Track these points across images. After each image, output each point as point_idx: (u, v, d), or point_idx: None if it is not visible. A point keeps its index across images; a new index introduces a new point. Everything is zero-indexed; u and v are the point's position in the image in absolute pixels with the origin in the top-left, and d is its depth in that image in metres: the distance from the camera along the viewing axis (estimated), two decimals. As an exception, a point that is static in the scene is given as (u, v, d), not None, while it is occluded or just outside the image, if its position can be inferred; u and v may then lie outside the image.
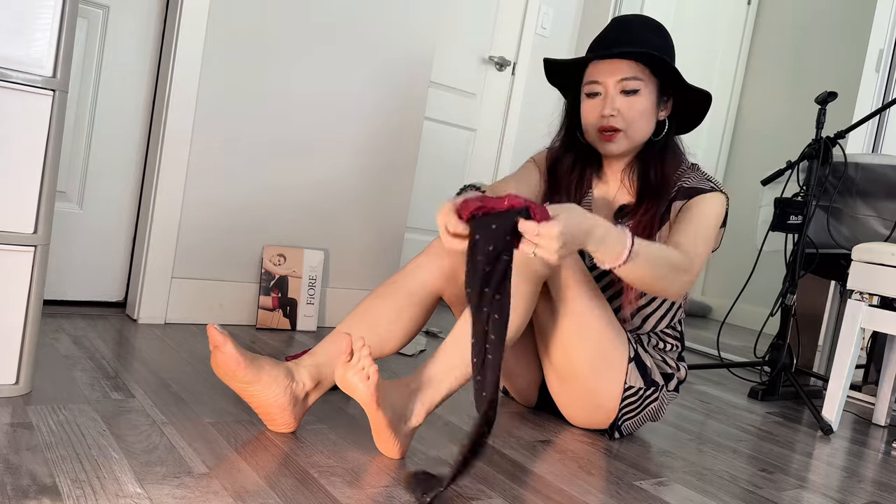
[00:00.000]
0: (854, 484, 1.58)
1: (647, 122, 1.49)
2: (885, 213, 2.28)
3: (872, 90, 2.82)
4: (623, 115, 1.46)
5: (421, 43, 2.45)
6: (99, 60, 2.02)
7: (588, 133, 1.53)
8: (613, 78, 1.46)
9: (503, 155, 3.37)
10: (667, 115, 1.54)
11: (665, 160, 1.52)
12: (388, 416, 1.20)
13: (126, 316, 2.07)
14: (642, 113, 1.47)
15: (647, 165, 1.52)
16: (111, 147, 2.07)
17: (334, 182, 2.33)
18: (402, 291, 1.38)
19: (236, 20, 2.08)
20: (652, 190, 1.50)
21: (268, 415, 1.27)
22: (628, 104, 1.46)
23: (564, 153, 1.61)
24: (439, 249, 1.40)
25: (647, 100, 1.47)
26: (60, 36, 1.29)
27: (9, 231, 1.27)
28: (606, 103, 1.47)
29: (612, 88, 1.47)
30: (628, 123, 1.47)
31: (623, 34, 1.48)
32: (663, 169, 1.51)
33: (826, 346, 2.67)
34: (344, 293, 2.40)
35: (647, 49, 1.45)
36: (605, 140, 1.49)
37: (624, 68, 1.46)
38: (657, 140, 1.53)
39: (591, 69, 1.50)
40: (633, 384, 1.50)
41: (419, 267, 1.40)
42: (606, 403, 1.52)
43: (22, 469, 1.02)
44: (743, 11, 4.44)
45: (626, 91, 1.46)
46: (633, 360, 1.50)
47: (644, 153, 1.54)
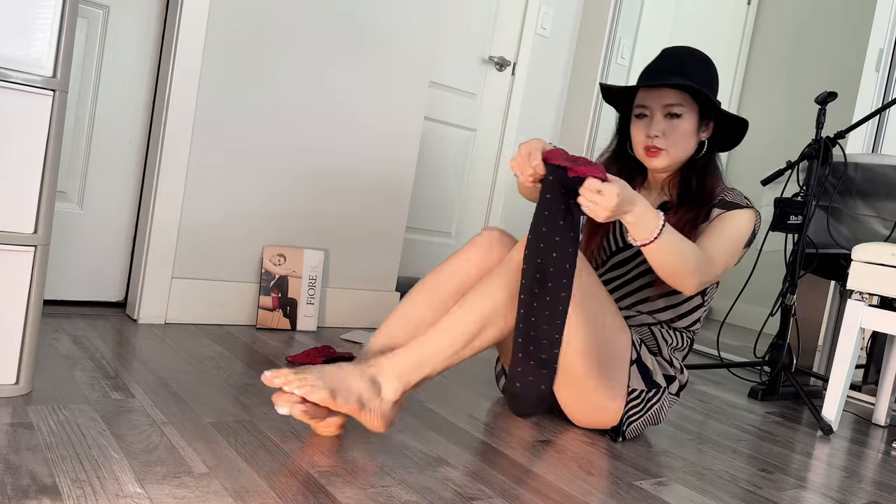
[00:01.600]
0: (854, 484, 1.58)
1: (688, 143, 1.64)
2: (885, 213, 2.28)
3: (872, 90, 2.82)
4: (666, 135, 1.62)
5: (421, 43, 2.45)
6: (99, 60, 2.02)
7: (636, 149, 1.68)
8: (659, 103, 1.62)
9: (503, 155, 3.37)
10: (707, 136, 1.68)
11: (706, 174, 1.67)
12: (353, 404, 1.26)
13: (126, 316, 2.08)
14: (683, 134, 1.62)
15: (689, 177, 1.67)
16: (111, 147, 2.07)
17: (334, 182, 2.33)
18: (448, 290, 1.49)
19: (236, 20, 2.08)
20: (693, 196, 1.65)
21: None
22: (671, 126, 1.62)
23: (614, 162, 1.78)
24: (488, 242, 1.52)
25: (688, 123, 1.62)
26: (60, 36, 1.29)
27: (9, 231, 1.27)
28: (652, 124, 1.62)
29: (658, 112, 1.62)
30: (671, 143, 1.62)
31: (671, 65, 1.64)
32: (704, 181, 1.66)
33: (826, 346, 2.67)
34: (344, 293, 2.40)
35: (690, 80, 1.59)
36: (649, 156, 1.64)
37: (669, 96, 1.61)
38: (698, 158, 1.68)
39: (640, 95, 1.66)
40: (635, 387, 1.53)
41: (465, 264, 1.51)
42: (609, 405, 1.53)
43: (22, 469, 1.02)
44: (743, 11, 4.44)
45: (670, 115, 1.61)
46: (634, 363, 1.52)
47: (686, 168, 1.69)
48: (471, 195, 3.32)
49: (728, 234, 1.56)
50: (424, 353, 1.32)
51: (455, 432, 1.48)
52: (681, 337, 1.66)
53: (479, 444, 1.43)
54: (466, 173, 3.28)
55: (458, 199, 3.28)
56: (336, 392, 1.23)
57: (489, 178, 3.37)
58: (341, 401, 1.23)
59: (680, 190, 1.67)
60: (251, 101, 2.14)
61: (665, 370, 1.59)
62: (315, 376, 1.23)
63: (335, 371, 1.26)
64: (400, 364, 1.31)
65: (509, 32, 3.30)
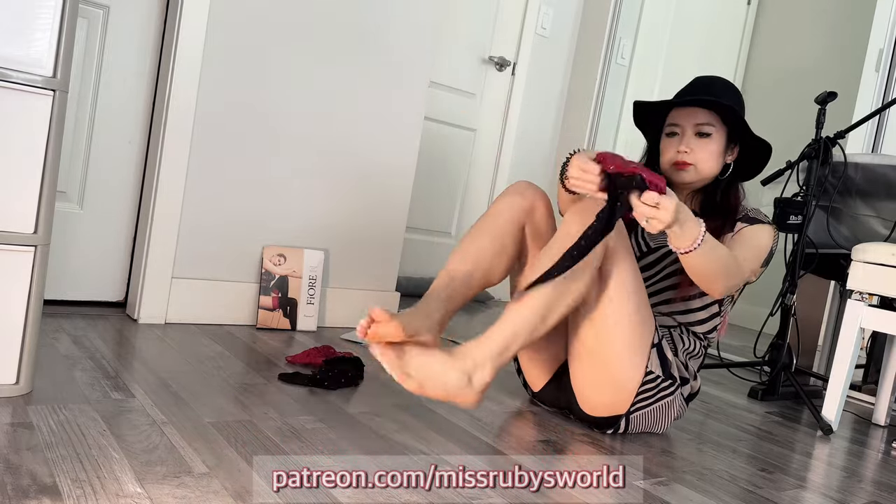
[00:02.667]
0: (854, 484, 1.58)
1: (715, 161, 1.71)
2: (885, 213, 2.28)
3: (872, 90, 2.82)
4: (695, 152, 1.69)
5: (421, 43, 2.45)
6: (99, 61, 2.02)
7: (664, 165, 1.75)
8: (690, 122, 1.70)
9: (503, 155, 3.37)
10: (733, 159, 1.75)
11: (729, 193, 1.75)
12: (441, 392, 1.32)
13: (126, 316, 2.08)
14: (712, 153, 1.70)
15: (713, 194, 1.76)
16: (111, 147, 2.07)
17: (334, 182, 2.33)
18: (499, 226, 1.58)
19: (236, 20, 2.08)
20: (716, 210, 1.72)
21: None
22: (700, 144, 1.70)
23: None
24: (522, 189, 1.63)
25: (716, 143, 1.70)
26: (60, 36, 1.29)
27: (9, 231, 1.27)
28: (683, 141, 1.71)
29: (689, 130, 1.70)
30: (698, 159, 1.69)
31: (703, 89, 1.73)
32: (727, 197, 1.75)
33: (826, 346, 2.67)
34: (344, 293, 2.40)
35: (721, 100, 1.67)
36: (678, 169, 1.71)
37: (700, 116, 1.69)
38: (722, 178, 1.75)
39: (673, 114, 1.75)
40: (652, 370, 1.57)
41: (508, 205, 1.61)
42: (627, 385, 1.55)
43: (22, 469, 1.02)
44: (743, 11, 4.44)
45: (699, 133, 1.69)
46: (655, 347, 1.57)
47: (709, 187, 1.76)
48: (471, 195, 3.32)
49: (754, 245, 1.64)
50: (505, 336, 1.38)
51: (455, 432, 1.48)
52: (696, 342, 1.70)
53: (479, 444, 1.43)
54: (466, 173, 3.28)
55: (458, 199, 3.28)
56: (425, 384, 1.30)
57: (489, 178, 3.37)
58: (430, 390, 1.30)
59: (702, 204, 1.75)
60: (251, 101, 2.14)
61: (680, 371, 1.63)
62: (408, 366, 1.30)
63: (427, 363, 1.31)
64: (487, 352, 1.36)
65: (509, 32, 3.30)
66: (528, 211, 1.62)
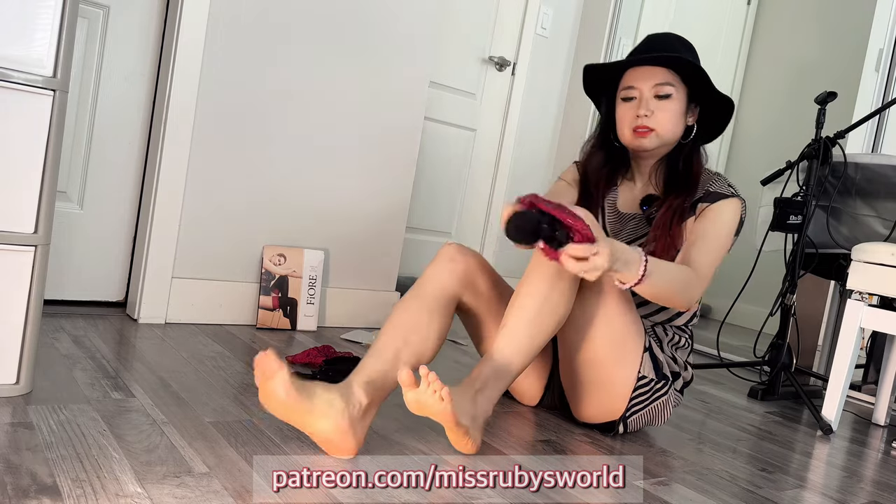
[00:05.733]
0: (854, 484, 1.58)
1: (677, 125, 1.62)
2: (884, 213, 2.28)
3: (872, 90, 2.82)
4: (655, 115, 1.59)
5: (421, 43, 2.45)
6: (99, 60, 2.02)
7: (622, 133, 1.65)
8: (649, 83, 1.60)
9: (503, 155, 3.37)
10: (694, 120, 1.66)
11: (692, 160, 1.65)
12: (466, 424, 1.27)
13: (126, 316, 2.08)
14: (673, 115, 1.60)
15: (675, 163, 1.65)
16: (111, 147, 2.07)
17: (334, 182, 2.33)
18: (428, 300, 1.44)
19: (236, 20, 2.08)
20: (680, 182, 1.63)
21: (328, 442, 1.22)
22: (660, 107, 1.59)
23: (596, 152, 1.75)
24: (452, 254, 1.50)
25: (677, 104, 1.60)
26: (60, 36, 1.29)
27: (9, 231, 1.27)
28: (641, 105, 1.60)
29: (647, 92, 1.60)
30: (659, 123, 1.60)
31: (658, 46, 1.62)
32: (690, 166, 1.64)
33: (826, 346, 2.67)
34: (344, 293, 2.40)
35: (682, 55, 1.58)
36: (638, 136, 1.61)
37: (659, 75, 1.59)
38: (684, 143, 1.66)
39: (628, 75, 1.64)
40: (645, 374, 1.54)
41: (437, 275, 1.48)
42: (620, 391, 1.54)
43: (22, 469, 1.02)
44: (743, 11, 4.44)
45: (659, 95, 1.59)
46: (647, 351, 1.55)
47: (672, 154, 1.66)
48: (471, 195, 3.32)
49: (715, 234, 1.56)
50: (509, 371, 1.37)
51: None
52: (678, 334, 1.67)
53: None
54: (466, 173, 3.28)
55: (458, 199, 3.28)
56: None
57: (489, 178, 3.37)
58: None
59: (666, 177, 1.66)
60: (251, 102, 2.14)
61: (671, 367, 1.61)
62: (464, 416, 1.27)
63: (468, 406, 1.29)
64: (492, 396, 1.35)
65: (509, 32, 3.30)
66: (465, 282, 1.50)
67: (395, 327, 1.40)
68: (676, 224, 1.59)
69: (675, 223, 1.58)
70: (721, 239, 1.57)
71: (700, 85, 1.61)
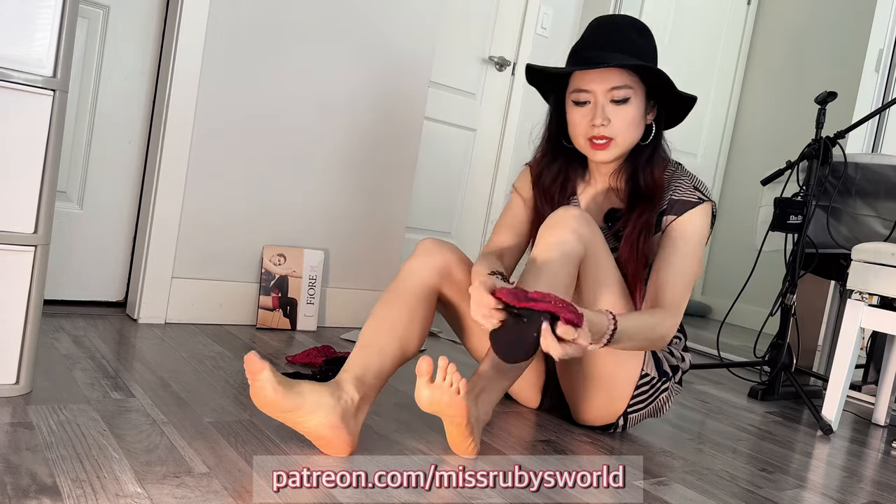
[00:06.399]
0: (854, 484, 1.58)
1: (636, 130, 1.49)
2: (884, 213, 2.28)
3: (872, 90, 2.82)
4: (613, 123, 1.45)
5: (421, 43, 2.45)
6: (99, 60, 2.02)
7: (577, 141, 1.52)
8: (603, 87, 1.44)
9: (503, 155, 3.37)
10: (653, 118, 1.53)
11: (654, 163, 1.52)
12: (472, 423, 1.27)
13: (126, 316, 2.07)
14: (632, 120, 1.47)
15: (636, 170, 1.52)
16: (111, 147, 2.07)
17: (334, 182, 2.33)
18: (408, 294, 1.40)
19: (236, 20, 2.08)
20: (643, 195, 1.51)
21: (322, 438, 1.21)
22: (618, 113, 1.45)
23: (550, 162, 1.62)
24: (429, 248, 1.45)
25: (636, 108, 1.47)
26: (61, 36, 1.29)
27: (9, 231, 1.27)
28: (597, 112, 1.45)
29: (602, 97, 1.45)
30: (618, 132, 1.46)
31: (608, 38, 1.46)
32: (653, 173, 1.51)
33: (826, 346, 2.67)
34: (344, 293, 2.40)
35: (634, 55, 1.44)
36: (595, 148, 1.48)
37: (614, 77, 1.44)
38: (645, 145, 1.53)
39: (578, 76, 1.48)
40: (648, 372, 1.53)
41: (416, 269, 1.43)
42: (622, 391, 1.53)
43: (22, 469, 1.02)
44: (743, 11, 4.44)
45: (615, 100, 1.45)
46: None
47: (632, 157, 1.54)
48: (471, 195, 3.32)
49: (685, 253, 1.46)
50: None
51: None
52: None
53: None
54: (466, 173, 3.28)
55: (458, 199, 3.28)
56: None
57: (489, 178, 3.36)
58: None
59: (629, 189, 1.53)
60: (251, 101, 2.14)
61: (669, 361, 1.60)
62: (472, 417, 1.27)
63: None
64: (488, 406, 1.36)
65: (509, 32, 3.30)
66: (444, 274, 1.44)
67: (379, 322, 1.37)
68: (644, 241, 1.49)
69: (643, 240, 1.49)
70: (690, 256, 1.47)
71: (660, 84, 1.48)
